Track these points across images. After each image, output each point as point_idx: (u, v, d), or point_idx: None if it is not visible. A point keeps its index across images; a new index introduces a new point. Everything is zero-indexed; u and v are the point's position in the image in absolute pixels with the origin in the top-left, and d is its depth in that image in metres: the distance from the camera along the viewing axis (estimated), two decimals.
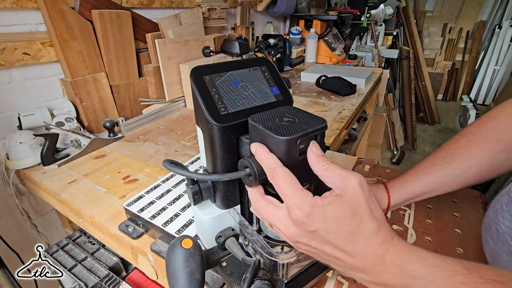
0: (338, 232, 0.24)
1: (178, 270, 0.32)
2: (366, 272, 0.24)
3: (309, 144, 0.29)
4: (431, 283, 0.21)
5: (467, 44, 3.89)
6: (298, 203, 0.25)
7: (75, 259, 0.59)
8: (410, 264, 0.22)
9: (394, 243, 0.23)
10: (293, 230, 0.26)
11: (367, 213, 0.24)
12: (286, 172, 0.27)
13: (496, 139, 0.42)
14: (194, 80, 0.34)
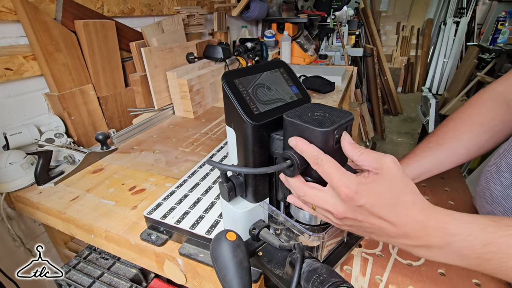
0: (382, 205, 0.28)
1: (228, 261, 0.34)
2: (409, 237, 0.28)
3: (341, 134, 0.33)
4: (468, 236, 0.26)
5: (418, 40, 4.26)
6: (346, 183, 0.29)
7: (91, 276, 0.58)
8: (448, 224, 0.27)
9: (431, 210, 0.28)
10: (342, 207, 0.30)
11: (404, 187, 0.29)
12: (329, 158, 0.31)
13: (479, 122, 0.49)
14: (227, 84, 0.36)
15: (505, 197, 0.41)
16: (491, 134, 0.48)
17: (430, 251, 0.28)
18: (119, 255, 0.60)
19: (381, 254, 0.47)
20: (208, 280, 0.49)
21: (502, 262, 0.25)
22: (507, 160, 0.43)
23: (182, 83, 1.03)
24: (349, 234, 0.45)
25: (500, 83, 0.51)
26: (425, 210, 0.28)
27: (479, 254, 0.26)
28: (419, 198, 0.29)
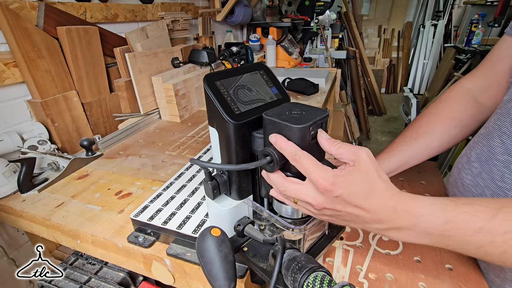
0: (358, 194, 0.30)
1: (213, 255, 0.35)
2: (382, 222, 0.30)
3: (317, 131, 0.35)
4: (431, 216, 0.28)
5: (399, 42, 4.41)
6: (323, 176, 0.31)
7: (78, 282, 0.57)
8: (415, 207, 0.29)
9: (401, 196, 0.30)
10: (320, 199, 0.32)
11: (377, 177, 0.31)
12: (307, 154, 0.33)
13: (450, 116, 0.53)
14: (209, 86, 0.38)
15: (475, 185, 0.44)
16: (461, 128, 0.52)
17: (400, 233, 0.30)
18: (106, 260, 0.60)
19: (361, 245, 0.49)
20: (196, 278, 0.50)
21: (461, 237, 0.27)
22: (476, 151, 0.46)
23: (167, 88, 1.04)
24: (330, 227, 0.47)
25: (468, 79, 0.55)
26: (395, 196, 0.30)
27: (441, 231, 0.28)
28: (390, 186, 0.31)
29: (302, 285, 0.27)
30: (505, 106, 0.42)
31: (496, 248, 0.26)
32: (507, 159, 0.39)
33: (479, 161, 0.44)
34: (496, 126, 0.42)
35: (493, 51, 0.51)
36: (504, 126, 0.41)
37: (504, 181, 0.39)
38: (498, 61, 0.49)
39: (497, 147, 0.41)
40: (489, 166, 0.41)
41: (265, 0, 2.12)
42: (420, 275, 0.44)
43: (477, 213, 0.27)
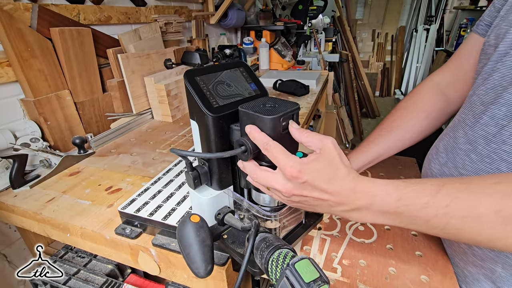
0: (322, 179, 0.33)
1: (191, 239, 0.38)
2: (343, 203, 0.33)
3: (288, 122, 0.38)
4: (385, 195, 0.31)
5: (393, 46, 4.48)
6: (291, 164, 0.33)
7: (67, 274, 0.59)
8: (370, 188, 0.32)
9: (360, 179, 0.33)
10: (289, 186, 0.34)
11: (339, 162, 0.33)
12: (277, 144, 0.35)
13: (420, 109, 0.56)
14: (189, 81, 0.41)
15: (441, 173, 0.46)
16: (430, 120, 0.55)
17: (360, 213, 0.32)
18: (95, 252, 0.62)
19: (338, 235, 0.52)
20: (180, 268, 0.52)
21: (411, 212, 0.30)
22: (444, 142, 0.49)
23: (159, 88, 1.06)
24: (307, 216, 0.49)
25: (438, 74, 0.58)
26: (355, 179, 0.33)
27: (394, 209, 0.30)
28: (351, 171, 0.34)
29: (268, 261, 0.30)
30: (468, 100, 0.45)
31: (440, 220, 0.29)
32: (468, 148, 0.41)
33: (445, 152, 0.47)
34: (461, 119, 0.45)
35: (460, 47, 0.54)
36: (467, 119, 0.44)
37: (465, 168, 0.41)
38: (464, 57, 0.52)
39: (460, 137, 0.44)
40: (453, 156, 0.44)
41: (258, 4, 2.16)
42: (391, 261, 0.46)
43: (424, 190, 0.30)
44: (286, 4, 2.71)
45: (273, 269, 0.29)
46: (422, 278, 0.43)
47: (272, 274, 0.29)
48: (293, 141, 0.40)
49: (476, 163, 0.39)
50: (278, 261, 0.29)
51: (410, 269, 0.44)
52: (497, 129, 0.38)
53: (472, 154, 0.40)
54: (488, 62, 0.42)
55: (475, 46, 0.49)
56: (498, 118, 0.38)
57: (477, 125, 0.40)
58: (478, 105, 0.41)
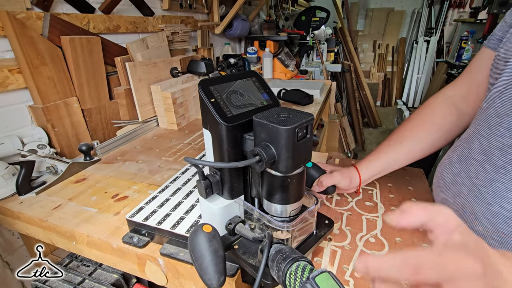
0: None
1: (204, 250, 0.37)
2: None
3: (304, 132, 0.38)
4: None
5: (394, 57, 4.53)
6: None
7: (71, 283, 0.58)
8: None
9: None
10: None
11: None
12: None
13: (432, 122, 0.56)
14: (203, 90, 0.41)
15: (454, 183, 0.46)
16: (442, 133, 0.55)
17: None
18: (101, 261, 0.61)
19: (349, 246, 0.51)
20: (188, 278, 0.51)
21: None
22: (457, 152, 0.49)
23: (166, 96, 1.07)
24: (318, 227, 0.49)
25: (450, 88, 0.58)
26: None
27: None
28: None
29: (286, 273, 0.29)
30: (484, 113, 0.45)
31: None
32: (483, 158, 0.41)
33: (459, 162, 0.46)
34: (476, 130, 0.45)
35: (472, 61, 0.54)
36: (482, 130, 0.44)
37: (478, 178, 0.41)
38: (476, 71, 0.52)
39: (475, 148, 0.44)
40: (467, 166, 0.44)
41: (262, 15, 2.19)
42: None
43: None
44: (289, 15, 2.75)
45: (291, 282, 0.28)
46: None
47: (290, 287, 0.28)
48: (306, 151, 0.40)
49: (490, 173, 0.39)
50: (297, 274, 0.28)
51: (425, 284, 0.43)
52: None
53: (487, 165, 0.40)
54: (501, 76, 0.42)
55: (486, 60, 0.50)
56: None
57: (492, 136, 0.40)
58: (493, 117, 0.41)
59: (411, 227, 0.26)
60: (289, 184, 0.40)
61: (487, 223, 0.39)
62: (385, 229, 0.55)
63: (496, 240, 0.39)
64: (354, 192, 0.63)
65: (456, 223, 0.25)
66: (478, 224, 0.40)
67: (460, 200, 0.44)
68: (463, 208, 0.43)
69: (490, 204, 0.39)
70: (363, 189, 0.68)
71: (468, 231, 0.25)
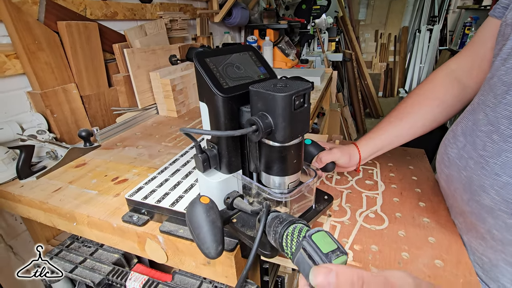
0: None
1: (201, 220, 0.37)
2: None
3: (302, 101, 0.37)
4: None
5: (396, 47, 4.47)
6: None
7: (73, 262, 0.59)
8: None
9: None
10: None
11: None
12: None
13: (433, 97, 0.55)
14: (199, 62, 0.40)
15: (459, 157, 0.45)
16: (444, 108, 0.54)
17: None
18: (101, 241, 0.61)
19: (348, 222, 0.51)
20: (188, 255, 0.51)
21: None
22: (462, 126, 0.47)
23: (165, 83, 1.06)
24: (317, 201, 0.49)
25: (453, 61, 0.56)
26: None
27: None
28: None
29: (282, 235, 0.29)
30: (488, 83, 0.44)
31: None
32: (490, 129, 0.40)
33: (464, 135, 0.45)
34: (480, 101, 0.44)
35: (476, 33, 0.53)
36: (487, 100, 0.42)
37: (485, 149, 0.40)
38: (480, 42, 0.51)
39: (481, 120, 0.42)
40: (472, 138, 0.43)
41: (262, 3, 2.16)
42: (404, 246, 0.45)
43: None
44: (289, 4, 2.72)
45: (288, 243, 0.28)
46: (436, 262, 0.42)
47: (287, 248, 0.28)
48: (304, 121, 0.39)
49: (498, 143, 0.38)
50: (294, 235, 0.28)
51: (424, 254, 0.43)
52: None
53: (494, 135, 0.39)
54: (507, 42, 0.41)
55: (491, 30, 0.48)
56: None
57: (499, 106, 0.39)
58: (499, 86, 0.40)
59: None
60: (287, 155, 0.40)
61: (494, 195, 0.39)
62: (385, 205, 0.55)
63: (504, 211, 0.38)
64: (354, 170, 0.62)
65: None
66: (486, 196, 0.40)
67: (466, 173, 0.43)
68: (470, 181, 0.42)
69: (498, 174, 0.38)
70: (363, 169, 0.68)
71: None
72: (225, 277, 0.50)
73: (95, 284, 0.54)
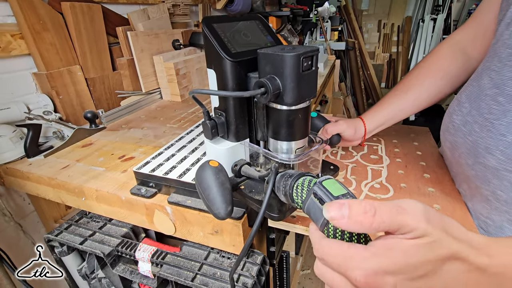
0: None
1: (210, 182, 0.38)
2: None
3: (310, 64, 0.37)
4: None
5: (399, 37, 4.42)
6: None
7: (82, 236, 0.60)
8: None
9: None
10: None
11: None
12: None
13: (437, 68, 0.55)
14: (207, 27, 0.40)
15: (464, 123, 0.45)
16: (448, 79, 0.54)
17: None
18: (110, 216, 0.62)
19: (353, 191, 0.51)
20: (196, 225, 0.52)
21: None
22: (466, 92, 0.47)
23: (168, 67, 1.06)
24: (323, 170, 0.49)
25: (458, 32, 0.56)
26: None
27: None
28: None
29: (292, 187, 0.30)
30: (492, 48, 0.44)
31: None
32: (495, 92, 0.40)
33: (469, 101, 0.45)
34: (485, 67, 0.44)
35: (481, 4, 0.53)
36: (492, 64, 0.42)
37: (491, 112, 0.40)
38: (484, 12, 0.51)
39: (486, 84, 0.42)
40: (477, 103, 0.43)
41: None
42: None
43: None
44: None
45: (298, 192, 0.29)
46: None
47: (298, 198, 0.29)
48: (311, 84, 0.39)
49: (504, 104, 0.39)
50: (304, 185, 0.29)
51: None
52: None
53: (500, 97, 0.39)
54: (511, 7, 0.41)
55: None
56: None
57: (504, 68, 0.39)
58: (503, 49, 0.40)
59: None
60: (294, 119, 0.40)
61: (500, 155, 0.39)
62: (390, 176, 0.55)
63: (509, 171, 0.38)
64: (359, 145, 0.63)
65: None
66: (491, 157, 0.40)
67: (471, 138, 0.43)
68: (475, 145, 0.43)
69: (503, 135, 0.38)
70: (368, 145, 0.68)
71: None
72: (233, 246, 0.51)
73: (105, 255, 0.55)
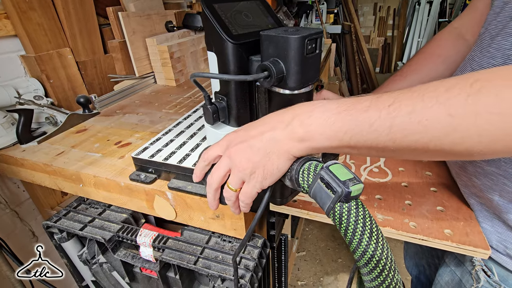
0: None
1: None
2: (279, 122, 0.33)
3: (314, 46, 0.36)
4: (325, 103, 0.30)
5: (395, 20, 4.37)
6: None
7: (82, 222, 0.59)
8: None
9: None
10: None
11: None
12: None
13: (438, 53, 0.55)
14: (208, 7, 0.39)
15: None
16: (448, 64, 0.54)
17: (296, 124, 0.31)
18: (109, 202, 0.62)
19: None
20: (197, 209, 0.52)
21: (353, 116, 0.28)
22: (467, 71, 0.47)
23: (162, 50, 1.03)
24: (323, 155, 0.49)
25: (456, 20, 0.56)
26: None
27: (335, 113, 0.29)
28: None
29: (298, 171, 0.30)
30: (479, 38, 0.44)
31: (383, 122, 0.26)
32: None
33: None
34: (470, 57, 0.44)
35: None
36: (475, 55, 0.42)
37: None
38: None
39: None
40: None
41: None
42: (407, 195, 0.47)
43: (365, 97, 0.29)
44: None
45: (304, 177, 0.29)
46: (438, 208, 0.44)
47: (303, 182, 0.29)
48: (315, 68, 0.39)
49: None
50: (310, 170, 0.29)
51: (426, 202, 0.45)
52: (503, 60, 0.37)
53: None
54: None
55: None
56: (505, 49, 0.37)
57: (483, 59, 0.39)
58: (486, 39, 0.40)
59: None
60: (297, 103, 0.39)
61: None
62: (389, 160, 0.56)
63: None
64: None
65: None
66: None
67: None
68: None
69: None
70: None
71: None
72: (234, 230, 0.52)
73: (106, 240, 0.55)
